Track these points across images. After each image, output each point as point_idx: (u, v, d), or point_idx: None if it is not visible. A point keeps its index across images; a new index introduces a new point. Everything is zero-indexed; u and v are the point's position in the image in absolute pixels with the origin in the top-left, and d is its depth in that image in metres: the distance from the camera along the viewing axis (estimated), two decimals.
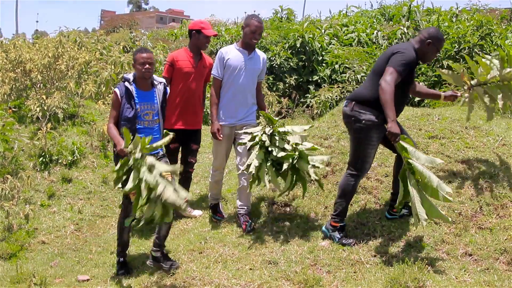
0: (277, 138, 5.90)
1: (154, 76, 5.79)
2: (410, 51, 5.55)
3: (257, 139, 5.91)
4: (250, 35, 6.25)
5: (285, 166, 5.74)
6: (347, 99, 5.78)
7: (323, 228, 5.87)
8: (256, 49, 6.48)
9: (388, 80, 5.29)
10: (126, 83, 5.67)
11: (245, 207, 6.37)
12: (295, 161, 5.84)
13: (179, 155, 6.91)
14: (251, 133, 6.01)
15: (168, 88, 6.03)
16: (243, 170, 5.99)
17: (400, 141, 5.25)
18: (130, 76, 5.75)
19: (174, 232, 6.65)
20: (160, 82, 5.87)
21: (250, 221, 6.32)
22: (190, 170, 6.90)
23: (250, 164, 5.81)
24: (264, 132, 5.97)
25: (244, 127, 6.34)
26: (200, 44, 6.73)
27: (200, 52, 6.83)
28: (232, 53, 6.32)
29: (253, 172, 5.81)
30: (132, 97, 5.62)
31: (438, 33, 5.72)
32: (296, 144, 5.88)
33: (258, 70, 6.43)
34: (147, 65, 5.60)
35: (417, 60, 5.66)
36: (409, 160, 5.23)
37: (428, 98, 6.43)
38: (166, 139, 5.21)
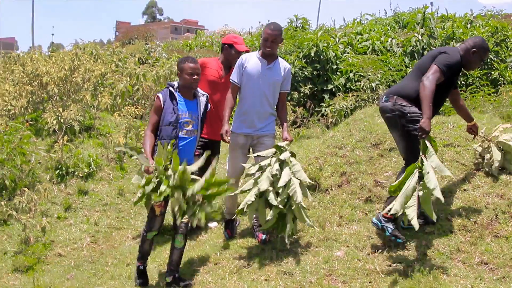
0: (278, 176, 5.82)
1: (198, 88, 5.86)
2: (456, 55, 5.60)
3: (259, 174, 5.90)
4: (263, 43, 6.21)
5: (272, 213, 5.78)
6: (387, 94, 5.81)
7: (374, 219, 5.80)
8: (280, 59, 6.39)
9: (431, 78, 5.37)
10: (171, 88, 5.74)
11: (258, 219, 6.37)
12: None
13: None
14: (262, 157, 6.00)
15: (209, 103, 6.07)
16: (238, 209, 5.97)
17: (426, 140, 5.27)
18: (175, 83, 5.82)
19: (190, 244, 6.68)
20: (203, 94, 5.92)
21: (259, 230, 6.31)
22: None
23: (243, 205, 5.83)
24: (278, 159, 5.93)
25: (261, 139, 6.31)
26: (231, 58, 6.74)
27: (230, 66, 6.81)
28: (251, 61, 6.27)
29: (244, 208, 5.85)
30: (176, 102, 5.67)
31: (484, 43, 5.77)
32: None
33: (278, 80, 6.28)
34: (196, 76, 5.70)
35: (461, 66, 5.68)
36: (423, 158, 5.22)
37: (459, 113, 6.41)
38: (201, 161, 5.29)
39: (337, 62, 13.63)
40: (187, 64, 5.69)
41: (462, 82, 12.99)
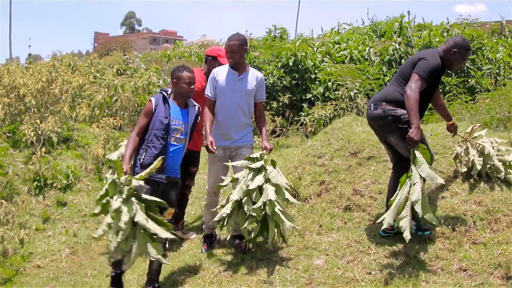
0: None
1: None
2: (436, 59, 5.65)
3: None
4: (225, 55, 6.33)
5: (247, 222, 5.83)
6: (375, 102, 5.86)
7: (381, 232, 5.95)
8: (252, 69, 6.43)
9: (413, 87, 5.43)
10: (164, 93, 5.75)
11: (238, 229, 6.35)
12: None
13: None
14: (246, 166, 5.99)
15: (200, 116, 6.09)
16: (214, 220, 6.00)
17: (416, 150, 5.35)
18: (169, 89, 5.84)
19: (170, 254, 6.65)
20: (195, 105, 5.92)
21: (244, 242, 6.31)
22: (187, 192, 6.92)
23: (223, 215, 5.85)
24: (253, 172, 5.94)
25: (239, 150, 6.31)
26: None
27: None
28: (222, 73, 6.30)
29: (221, 221, 5.90)
30: (168, 107, 5.68)
31: (464, 42, 5.82)
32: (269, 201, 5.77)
33: (250, 90, 6.31)
34: (193, 85, 5.77)
35: (443, 67, 5.73)
36: (413, 168, 5.28)
37: (438, 112, 6.50)
38: (155, 165, 5.25)
39: (316, 71, 13.69)
40: (185, 73, 5.74)
41: (440, 90, 13.11)
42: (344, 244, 5.95)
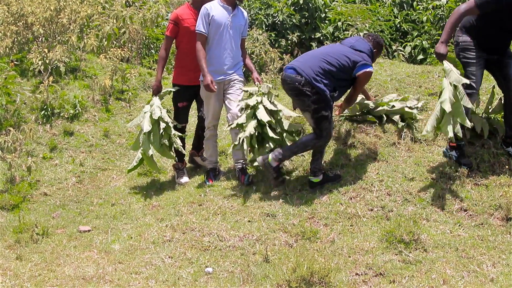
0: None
1: None
2: None
3: (253, 100, 6.11)
4: None
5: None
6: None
7: (443, 149, 6.13)
8: (239, 6, 6.46)
9: (462, 7, 5.55)
10: None
11: (241, 161, 6.41)
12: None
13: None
14: (247, 91, 6.27)
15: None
16: (235, 145, 6.15)
17: (444, 62, 5.55)
18: None
19: (174, 186, 6.73)
20: None
21: (248, 174, 6.38)
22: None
23: (242, 137, 6.01)
24: (262, 93, 6.18)
25: (232, 82, 6.43)
26: (205, 1, 6.62)
27: None
28: (216, 9, 6.27)
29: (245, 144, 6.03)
30: None
31: None
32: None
33: (242, 26, 6.47)
34: None
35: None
36: (444, 79, 5.56)
37: None
38: None
39: (326, 10, 13.52)
40: None
41: None
42: (348, 180, 6.01)
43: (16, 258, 5.37)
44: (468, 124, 5.43)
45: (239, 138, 6.01)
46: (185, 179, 6.84)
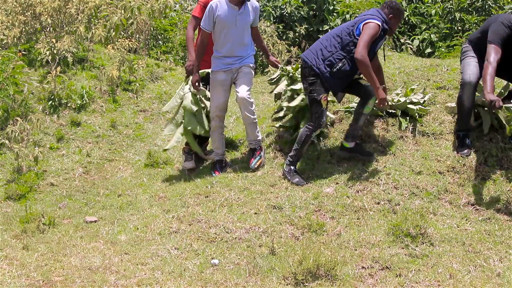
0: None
1: None
2: None
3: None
4: None
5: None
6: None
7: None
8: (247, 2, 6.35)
9: (491, 58, 5.62)
10: None
11: (253, 141, 6.44)
12: None
13: None
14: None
15: None
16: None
17: None
18: None
19: (181, 177, 6.73)
20: None
21: (258, 156, 6.45)
22: None
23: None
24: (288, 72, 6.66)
25: (240, 68, 6.41)
26: None
27: None
28: (222, 8, 6.19)
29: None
30: None
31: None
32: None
33: (249, 22, 6.40)
34: None
35: None
36: None
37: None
38: None
39: (334, 2, 13.48)
40: None
41: (460, 28, 12.91)
42: (355, 174, 6.00)
43: (23, 248, 5.38)
44: None
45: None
46: (190, 164, 6.83)
